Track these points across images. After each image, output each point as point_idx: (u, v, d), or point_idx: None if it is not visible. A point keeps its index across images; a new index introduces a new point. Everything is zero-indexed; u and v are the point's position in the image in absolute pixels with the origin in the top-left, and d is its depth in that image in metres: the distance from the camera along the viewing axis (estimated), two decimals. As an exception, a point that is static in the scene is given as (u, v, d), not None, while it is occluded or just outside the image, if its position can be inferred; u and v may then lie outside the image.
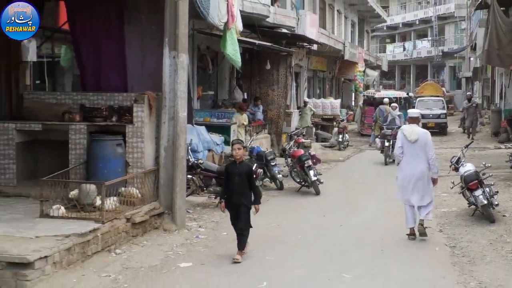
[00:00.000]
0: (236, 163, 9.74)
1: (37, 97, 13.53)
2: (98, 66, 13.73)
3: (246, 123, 19.39)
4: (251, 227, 9.87)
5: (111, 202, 10.60)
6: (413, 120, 11.33)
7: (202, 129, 15.95)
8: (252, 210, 9.90)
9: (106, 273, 8.96)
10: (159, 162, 12.02)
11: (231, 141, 14.89)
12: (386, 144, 21.54)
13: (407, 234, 11.13)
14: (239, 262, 9.42)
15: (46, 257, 8.50)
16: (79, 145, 12.07)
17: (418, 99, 37.83)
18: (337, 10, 41.65)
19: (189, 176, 13.04)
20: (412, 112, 11.88)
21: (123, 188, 11.33)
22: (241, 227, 9.63)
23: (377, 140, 22.88)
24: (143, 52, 13.62)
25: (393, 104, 26.16)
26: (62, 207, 10.16)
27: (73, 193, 10.50)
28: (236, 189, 9.60)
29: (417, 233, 11.09)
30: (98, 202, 10.10)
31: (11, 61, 13.42)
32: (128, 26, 13.35)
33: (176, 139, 11.81)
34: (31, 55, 13.24)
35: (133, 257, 9.87)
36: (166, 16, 11.65)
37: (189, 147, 13.45)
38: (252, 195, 9.82)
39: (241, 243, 9.64)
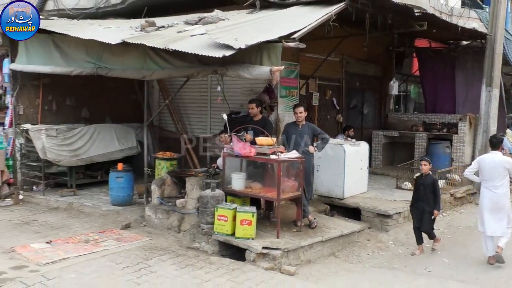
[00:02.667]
0: (423, 176, 7.74)
1: (396, 116, 13.94)
2: (435, 97, 13.73)
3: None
4: (434, 229, 7.93)
5: (440, 183, 10.40)
6: None
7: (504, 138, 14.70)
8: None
9: (436, 227, 8.68)
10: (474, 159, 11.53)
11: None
12: None
13: None
14: (436, 251, 7.79)
15: (399, 213, 8.87)
16: (421, 146, 12.20)
17: None
18: None
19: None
20: None
21: (448, 175, 11.12)
22: (426, 229, 7.73)
23: None
24: (466, 87, 13.23)
25: None
26: (409, 183, 10.37)
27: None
28: (421, 197, 7.65)
29: None
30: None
31: (382, 94, 14.10)
32: (457, 71, 13.15)
33: (487, 145, 11.23)
34: (394, 91, 13.64)
35: (454, 219, 9.69)
36: (485, 64, 11.13)
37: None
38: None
39: (430, 236, 7.84)
